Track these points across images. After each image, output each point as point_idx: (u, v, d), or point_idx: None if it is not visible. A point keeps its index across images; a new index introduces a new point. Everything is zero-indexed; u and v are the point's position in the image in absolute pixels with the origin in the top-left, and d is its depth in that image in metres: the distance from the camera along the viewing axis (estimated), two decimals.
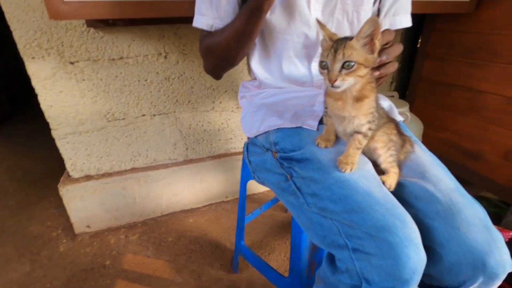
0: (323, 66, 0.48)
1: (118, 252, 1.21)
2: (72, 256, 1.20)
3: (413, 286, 0.45)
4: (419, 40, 1.54)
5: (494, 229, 0.51)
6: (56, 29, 1.05)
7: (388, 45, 0.52)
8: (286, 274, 0.85)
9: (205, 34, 0.71)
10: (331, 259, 0.54)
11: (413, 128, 1.34)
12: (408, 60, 1.62)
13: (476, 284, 0.49)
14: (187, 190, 1.46)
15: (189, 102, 1.34)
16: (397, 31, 1.59)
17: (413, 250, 0.44)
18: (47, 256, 1.20)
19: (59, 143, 1.22)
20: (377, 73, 0.51)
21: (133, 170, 1.35)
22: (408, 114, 1.24)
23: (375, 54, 0.47)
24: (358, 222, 0.47)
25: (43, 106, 1.14)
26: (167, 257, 1.19)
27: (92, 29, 1.09)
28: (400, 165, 0.60)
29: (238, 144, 1.52)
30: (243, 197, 1.00)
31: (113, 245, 1.25)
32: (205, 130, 1.42)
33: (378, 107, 0.56)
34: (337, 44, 0.46)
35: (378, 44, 0.46)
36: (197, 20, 0.69)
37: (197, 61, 1.27)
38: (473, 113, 1.32)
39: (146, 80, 1.24)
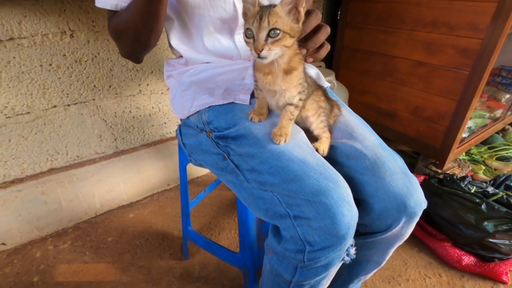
0: (248, 34, 0.45)
1: (48, 265, 1.07)
2: None
3: (348, 240, 0.49)
4: (339, 11, 1.62)
5: (411, 174, 0.58)
6: None
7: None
8: (238, 250, 0.86)
9: (111, 15, 0.62)
10: (276, 229, 0.55)
11: (340, 95, 1.44)
12: (332, 30, 1.70)
13: (400, 224, 0.56)
14: (123, 184, 1.34)
15: (110, 87, 1.19)
16: (318, 3, 1.65)
17: (346, 208, 0.47)
18: None
19: None
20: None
21: (52, 171, 1.17)
22: (335, 82, 1.32)
23: (300, 24, 0.46)
24: (296, 191, 0.48)
25: None
26: (109, 258, 1.10)
27: None
28: (330, 129, 0.63)
29: (174, 128, 1.43)
30: (184, 182, 0.96)
31: (40, 258, 1.10)
32: (134, 117, 1.30)
33: (306, 76, 0.56)
34: (262, 11, 0.44)
35: (302, 12, 0.45)
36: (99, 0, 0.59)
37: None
38: (388, 77, 1.47)
39: (50, 65, 1.05)
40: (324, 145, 0.58)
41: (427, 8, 1.22)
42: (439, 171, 1.38)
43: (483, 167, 1.48)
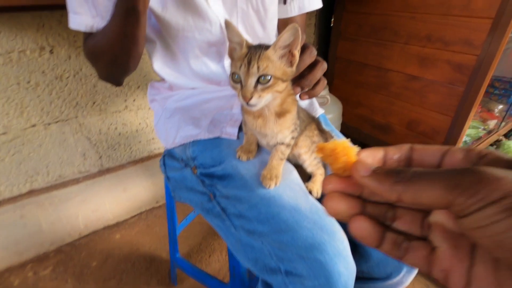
0: (235, 79, 0.40)
1: None
2: None
3: None
4: (332, 20, 1.59)
5: None
6: None
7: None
8: (228, 275, 0.82)
9: (86, 36, 0.57)
10: (266, 282, 0.51)
11: (334, 109, 1.41)
12: (325, 41, 1.67)
13: (401, 274, 0.53)
14: (108, 203, 1.28)
15: (94, 103, 1.13)
16: (310, 13, 1.61)
17: (343, 265, 0.43)
18: None
19: None
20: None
21: (32, 193, 1.11)
22: (328, 97, 1.28)
23: (294, 67, 0.41)
24: (288, 243, 0.44)
25: None
26: (93, 285, 1.04)
27: None
28: (324, 164, 0.59)
29: (162, 144, 1.38)
30: (171, 208, 0.91)
31: (18, 287, 1.03)
32: (120, 134, 1.24)
33: (299, 110, 0.52)
34: (250, 53, 0.39)
35: (297, 55, 0.40)
36: (73, 21, 0.54)
37: None
38: (382, 90, 1.44)
39: (29, 82, 0.98)
40: (317, 185, 0.54)
41: (421, 22, 1.19)
42: None
43: None
